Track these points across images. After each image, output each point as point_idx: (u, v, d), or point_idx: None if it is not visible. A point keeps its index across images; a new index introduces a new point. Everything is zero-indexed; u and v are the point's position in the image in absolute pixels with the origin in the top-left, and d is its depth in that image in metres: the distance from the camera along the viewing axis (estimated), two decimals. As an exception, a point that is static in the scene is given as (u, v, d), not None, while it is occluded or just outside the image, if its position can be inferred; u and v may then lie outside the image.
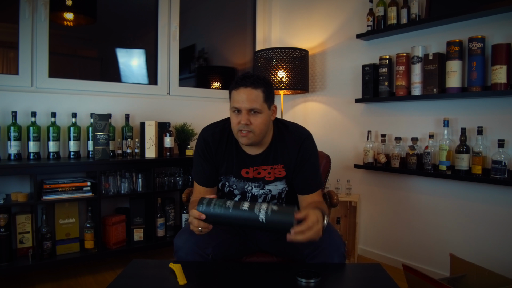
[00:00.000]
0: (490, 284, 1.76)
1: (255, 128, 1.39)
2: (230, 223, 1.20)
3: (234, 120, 1.41)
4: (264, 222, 1.14)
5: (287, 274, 1.25)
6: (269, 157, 1.50)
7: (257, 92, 1.38)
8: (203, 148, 1.51)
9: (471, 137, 2.17)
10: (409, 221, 2.54)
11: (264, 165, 1.50)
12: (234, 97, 1.40)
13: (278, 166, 1.50)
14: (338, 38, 2.97)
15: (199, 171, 1.54)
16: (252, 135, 1.40)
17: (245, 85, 1.38)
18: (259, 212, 1.15)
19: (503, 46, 1.99)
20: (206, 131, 1.55)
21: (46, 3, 2.48)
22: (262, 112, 1.40)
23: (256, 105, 1.38)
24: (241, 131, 1.40)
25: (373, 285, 1.23)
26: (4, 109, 2.36)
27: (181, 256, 1.37)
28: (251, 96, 1.37)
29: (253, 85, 1.38)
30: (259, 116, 1.40)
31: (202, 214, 1.18)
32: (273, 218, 1.14)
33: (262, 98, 1.40)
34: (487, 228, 2.16)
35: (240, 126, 1.39)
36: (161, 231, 2.61)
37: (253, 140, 1.42)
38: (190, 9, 3.22)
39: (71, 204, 2.39)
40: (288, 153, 1.50)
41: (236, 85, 1.40)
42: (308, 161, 1.50)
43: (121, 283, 1.20)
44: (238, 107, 1.39)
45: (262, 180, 1.51)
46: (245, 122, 1.37)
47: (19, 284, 2.26)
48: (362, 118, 2.80)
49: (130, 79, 3.02)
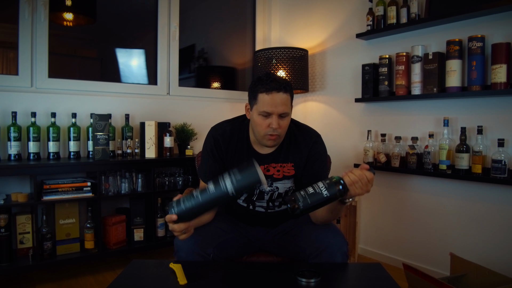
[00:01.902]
0: (491, 283, 1.76)
1: (282, 131, 1.41)
2: (208, 209, 1.20)
3: (263, 123, 1.39)
4: (235, 193, 1.14)
5: (288, 273, 1.25)
6: (279, 156, 1.51)
7: (287, 96, 1.39)
8: (212, 146, 1.50)
9: (471, 136, 2.17)
10: (409, 220, 2.54)
11: (274, 163, 1.51)
12: (265, 101, 1.37)
13: (287, 165, 1.51)
14: (338, 37, 2.97)
15: (207, 169, 1.52)
16: (278, 137, 1.42)
17: (278, 90, 1.36)
18: (226, 187, 1.13)
19: (502, 45, 1.99)
20: (216, 130, 1.54)
21: (46, 4, 2.48)
22: (289, 114, 1.42)
23: (287, 110, 1.39)
24: (269, 135, 1.40)
25: (373, 285, 1.23)
26: (4, 110, 2.36)
27: (181, 256, 1.37)
28: (283, 100, 1.37)
29: (285, 90, 1.37)
30: (286, 119, 1.41)
31: (172, 216, 1.16)
32: (241, 185, 1.14)
33: (290, 101, 1.42)
34: (487, 227, 2.16)
35: (268, 130, 1.39)
36: (161, 231, 2.61)
37: (278, 142, 1.45)
38: (190, 9, 3.22)
39: (71, 204, 2.39)
40: (299, 153, 1.51)
41: (268, 89, 1.36)
42: (318, 161, 1.51)
43: (122, 283, 1.20)
44: (271, 112, 1.37)
45: (271, 177, 1.51)
46: (277, 126, 1.38)
47: (19, 284, 2.26)
48: (362, 118, 2.80)
49: (130, 79, 3.02)
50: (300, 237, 1.46)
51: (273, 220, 1.58)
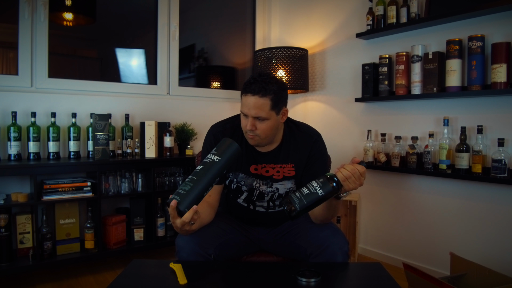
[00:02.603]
0: (491, 282, 1.76)
1: (260, 133, 1.41)
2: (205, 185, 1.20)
3: (243, 122, 1.44)
4: (221, 160, 1.23)
5: (288, 273, 1.25)
6: (279, 156, 1.51)
7: (264, 100, 1.36)
8: (212, 143, 1.50)
9: (471, 136, 2.17)
10: (409, 220, 2.54)
11: (273, 163, 1.51)
12: (242, 101, 1.41)
13: (288, 166, 1.51)
14: (338, 37, 2.97)
15: None
16: (258, 138, 1.42)
17: (252, 93, 1.36)
18: (210, 158, 1.24)
19: (502, 45, 1.99)
20: (215, 127, 1.55)
21: (46, 3, 2.47)
22: (269, 118, 1.39)
23: (261, 114, 1.37)
24: (247, 133, 1.42)
25: (373, 284, 1.23)
26: (4, 110, 2.36)
27: (182, 256, 1.36)
28: (257, 104, 1.36)
29: (261, 93, 1.35)
30: (265, 123, 1.39)
31: (173, 201, 1.15)
32: (224, 155, 1.25)
33: (269, 106, 1.37)
34: (487, 227, 2.16)
35: (246, 129, 1.41)
36: (161, 231, 2.61)
37: (259, 142, 1.45)
38: (190, 9, 3.21)
39: (71, 204, 2.39)
40: (299, 153, 1.51)
41: (245, 90, 1.39)
42: (319, 161, 1.51)
43: (122, 283, 1.20)
44: (246, 113, 1.40)
45: (270, 178, 1.51)
46: (250, 128, 1.39)
47: (19, 284, 2.26)
48: (362, 117, 2.80)
49: (130, 79, 3.02)
50: (300, 237, 1.46)
51: (273, 220, 1.58)
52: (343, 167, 1.23)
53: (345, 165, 1.23)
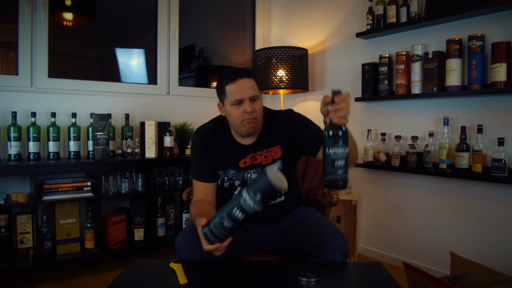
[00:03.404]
0: (491, 282, 1.76)
1: (258, 114, 1.46)
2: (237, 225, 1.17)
3: (237, 112, 1.45)
4: (252, 201, 1.12)
5: (288, 273, 1.25)
6: (262, 143, 1.55)
7: (252, 80, 1.47)
8: (198, 144, 1.56)
9: (471, 135, 2.17)
10: (409, 219, 2.54)
11: (259, 150, 1.55)
12: (233, 90, 1.44)
13: (274, 148, 1.54)
14: (338, 37, 2.97)
15: (197, 167, 1.56)
16: (256, 121, 1.46)
17: (241, 76, 1.44)
18: (242, 197, 1.13)
19: (502, 44, 1.99)
20: (199, 129, 1.61)
21: (46, 3, 2.47)
22: (259, 98, 1.48)
23: (256, 92, 1.46)
24: (246, 120, 1.44)
25: (373, 284, 1.23)
26: (4, 110, 2.36)
27: (182, 255, 1.37)
28: (249, 84, 1.45)
29: (247, 75, 1.46)
30: (259, 102, 1.47)
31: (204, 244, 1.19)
32: (255, 189, 1.11)
33: (257, 85, 1.49)
34: (487, 226, 2.16)
35: (245, 116, 1.44)
36: (161, 231, 2.62)
37: (257, 126, 1.48)
38: (190, 9, 3.21)
39: (71, 204, 2.39)
40: (281, 133, 1.54)
41: (231, 78, 1.44)
42: (306, 125, 1.54)
43: (122, 283, 1.20)
44: (241, 98, 1.43)
45: (260, 165, 1.54)
46: (251, 109, 1.43)
47: (19, 284, 2.26)
48: (362, 117, 2.80)
49: (129, 79, 3.02)
50: (299, 236, 1.46)
51: (270, 215, 1.58)
52: (333, 110, 1.12)
53: (332, 107, 1.12)
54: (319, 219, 1.52)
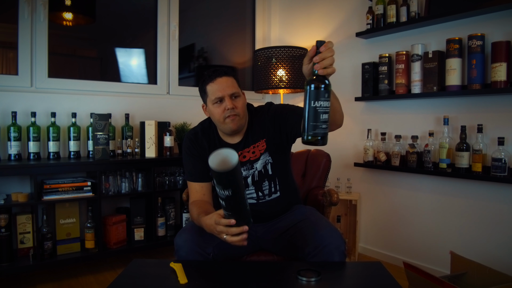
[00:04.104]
0: (491, 281, 1.76)
1: (240, 110, 1.49)
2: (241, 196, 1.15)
3: (218, 110, 1.49)
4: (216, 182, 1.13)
5: (288, 272, 1.25)
6: (248, 139, 1.57)
7: (232, 79, 1.51)
8: (189, 146, 1.60)
9: (471, 135, 2.17)
10: (409, 219, 2.54)
11: (246, 147, 1.57)
12: (213, 89, 1.48)
13: (260, 142, 1.57)
14: (338, 36, 2.97)
15: (191, 168, 1.59)
16: (238, 118, 1.49)
17: (220, 75, 1.49)
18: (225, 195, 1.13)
19: (502, 43, 1.99)
20: (189, 133, 1.66)
21: (45, 3, 2.47)
22: (240, 95, 1.52)
23: (235, 90, 1.50)
24: (228, 117, 1.47)
25: (374, 283, 1.23)
26: (4, 110, 2.36)
27: (181, 255, 1.37)
28: (228, 82, 1.49)
29: (227, 74, 1.50)
30: (240, 99, 1.51)
31: (231, 220, 1.18)
32: (213, 174, 1.10)
33: (237, 83, 1.53)
34: (487, 226, 2.16)
35: (226, 113, 1.47)
36: (161, 231, 2.62)
37: (239, 123, 1.51)
38: (189, 8, 3.21)
39: (71, 204, 2.39)
40: (264, 126, 1.57)
41: (210, 78, 1.49)
42: (285, 109, 1.56)
43: (122, 282, 1.20)
44: (221, 96, 1.47)
45: (248, 161, 1.56)
46: (231, 106, 1.46)
47: (20, 284, 2.27)
48: (362, 117, 2.80)
49: (129, 79, 3.02)
50: (298, 236, 1.46)
51: (266, 213, 1.59)
52: (318, 60, 1.15)
53: (317, 57, 1.15)
54: (317, 218, 1.52)
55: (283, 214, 1.61)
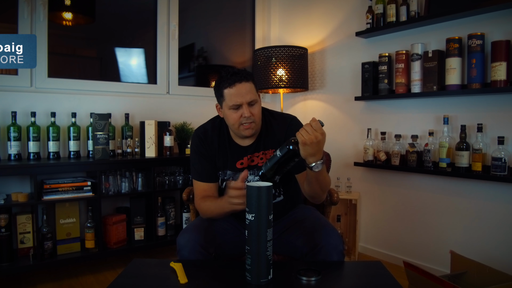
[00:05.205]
0: (491, 281, 1.77)
1: (256, 118, 1.47)
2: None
3: (234, 116, 1.45)
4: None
5: (288, 272, 1.25)
6: (259, 145, 1.55)
7: (251, 84, 1.46)
8: (198, 145, 1.56)
9: (471, 134, 2.17)
10: (409, 218, 2.54)
11: (256, 152, 1.55)
12: (232, 94, 1.44)
13: (269, 151, 1.55)
14: (338, 36, 2.96)
15: (198, 168, 1.56)
16: (254, 125, 1.47)
17: (239, 81, 1.43)
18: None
19: (502, 43, 1.99)
20: (198, 130, 1.61)
21: (45, 3, 2.47)
22: (258, 101, 1.48)
23: (254, 97, 1.46)
24: (243, 124, 1.45)
25: (374, 283, 1.23)
26: (3, 109, 2.35)
27: (183, 255, 1.37)
28: (248, 88, 1.44)
29: (246, 79, 1.45)
30: (257, 106, 1.47)
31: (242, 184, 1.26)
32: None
33: (255, 88, 1.48)
34: (487, 225, 2.16)
35: (242, 120, 1.44)
36: (161, 230, 2.62)
37: (255, 129, 1.49)
38: (189, 8, 3.21)
39: (71, 204, 2.39)
40: (277, 137, 1.55)
41: (229, 82, 1.44)
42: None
43: (122, 282, 1.20)
44: (240, 103, 1.43)
45: (256, 166, 1.55)
46: (248, 114, 1.43)
47: (20, 284, 2.27)
48: (362, 116, 2.80)
49: (129, 79, 3.01)
50: (296, 236, 1.46)
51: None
52: (304, 129, 1.24)
53: (305, 127, 1.24)
54: (316, 218, 1.52)
55: (285, 215, 1.61)
